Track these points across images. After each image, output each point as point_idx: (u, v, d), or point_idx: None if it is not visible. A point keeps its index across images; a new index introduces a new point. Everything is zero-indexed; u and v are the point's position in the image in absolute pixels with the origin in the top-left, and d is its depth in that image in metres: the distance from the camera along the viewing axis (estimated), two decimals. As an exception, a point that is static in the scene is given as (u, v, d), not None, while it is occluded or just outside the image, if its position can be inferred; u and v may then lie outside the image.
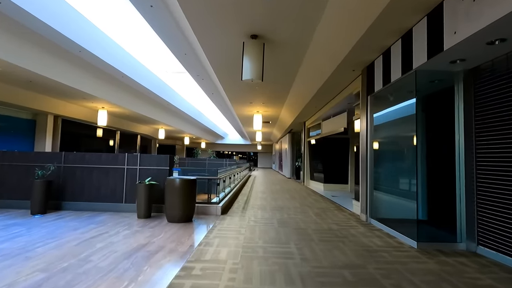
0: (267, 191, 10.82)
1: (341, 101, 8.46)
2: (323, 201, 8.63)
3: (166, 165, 6.03)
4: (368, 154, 5.79)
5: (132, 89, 13.40)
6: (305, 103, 9.76)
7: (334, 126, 10.36)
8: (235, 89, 10.04)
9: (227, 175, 7.97)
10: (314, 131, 13.40)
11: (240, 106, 13.16)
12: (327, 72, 6.54)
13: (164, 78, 14.95)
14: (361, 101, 6.21)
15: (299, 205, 7.71)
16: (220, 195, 6.60)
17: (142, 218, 5.42)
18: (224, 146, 41.64)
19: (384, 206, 5.31)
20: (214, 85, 12.56)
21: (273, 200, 8.53)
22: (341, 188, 11.74)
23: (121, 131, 20.99)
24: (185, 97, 18.59)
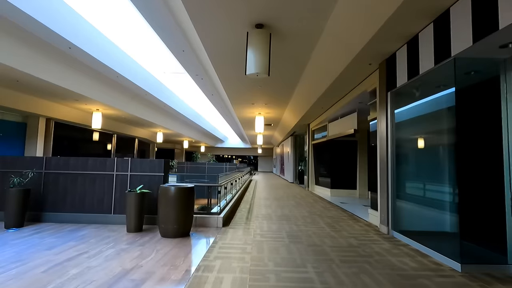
0: (270, 198, 10.12)
1: (352, 100, 7.80)
2: (333, 208, 7.93)
3: (160, 171, 5.34)
4: (389, 157, 5.12)
5: (128, 90, 12.75)
6: (312, 103, 9.11)
7: (343, 127, 9.70)
8: (236, 88, 9.39)
9: (228, 181, 7.28)
10: (319, 133, 12.74)
11: (241, 107, 12.51)
12: (339, 67, 5.89)
13: (161, 79, 14.33)
14: (378, 99, 5.55)
15: (307, 213, 7.02)
16: (221, 204, 5.90)
17: (132, 232, 4.72)
18: (224, 150, 40.94)
19: (411, 217, 4.62)
20: (214, 86, 11.93)
21: (278, 207, 7.83)
22: (349, 194, 11.05)
23: (118, 135, 20.32)
24: (183, 99, 17.96)
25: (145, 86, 13.02)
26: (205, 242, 4.31)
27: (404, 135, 4.91)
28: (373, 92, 6.13)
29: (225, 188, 6.56)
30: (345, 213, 7.23)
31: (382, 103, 5.34)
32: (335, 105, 9.07)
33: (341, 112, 9.70)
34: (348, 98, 7.80)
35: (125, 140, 21.97)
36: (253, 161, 46.21)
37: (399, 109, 5.01)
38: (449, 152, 3.74)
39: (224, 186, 6.48)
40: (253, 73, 4.96)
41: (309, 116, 11.72)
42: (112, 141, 20.07)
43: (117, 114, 15.44)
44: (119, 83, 11.85)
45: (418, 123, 4.54)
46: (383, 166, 5.31)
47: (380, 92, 5.50)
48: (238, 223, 5.71)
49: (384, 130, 5.27)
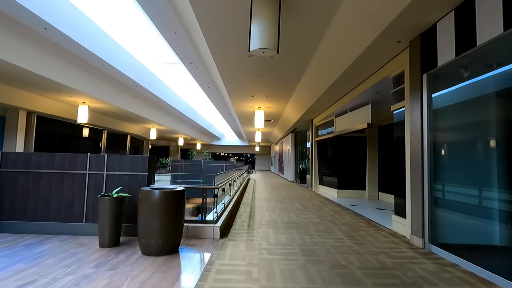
0: (272, 199, 9.17)
1: (367, 90, 6.86)
2: (344, 212, 7.01)
3: (144, 170, 4.35)
4: (425, 153, 4.17)
5: (116, 81, 11.70)
6: (319, 94, 8.14)
7: (353, 122, 8.76)
8: (235, 77, 8.40)
9: (226, 181, 6.31)
10: (324, 129, 11.81)
11: (240, 101, 11.53)
12: (359, 47, 4.93)
13: (154, 70, 13.28)
14: (409, 83, 4.60)
15: (317, 219, 6.08)
16: (218, 209, 4.93)
17: (106, 248, 3.74)
18: (221, 148, 39.92)
19: (458, 227, 3.69)
20: (211, 76, 10.92)
21: (283, 211, 6.89)
22: (358, 195, 10.14)
23: (109, 131, 19.22)
24: (178, 93, 16.91)
25: (136, 77, 11.98)
26: (198, 261, 3.34)
27: (446, 124, 3.97)
28: (399, 77, 5.19)
29: (223, 190, 5.60)
30: (360, 218, 6.30)
31: (415, 88, 4.40)
32: (345, 96, 8.12)
33: (350, 105, 8.77)
34: (363, 87, 6.86)
35: (116, 136, 20.87)
36: (250, 160, 45.27)
37: (438, 93, 4.07)
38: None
39: (222, 187, 5.51)
40: (259, 49, 4.01)
41: (313, 111, 10.77)
42: (102, 137, 18.97)
43: (106, 108, 14.37)
44: (107, 73, 10.80)
45: (467, 108, 3.61)
46: (415, 164, 4.37)
47: (411, 75, 4.55)
48: (238, 232, 4.75)
49: (417, 119, 4.32)
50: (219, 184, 4.99)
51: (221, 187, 5.42)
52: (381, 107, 8.24)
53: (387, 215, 6.84)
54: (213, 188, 4.57)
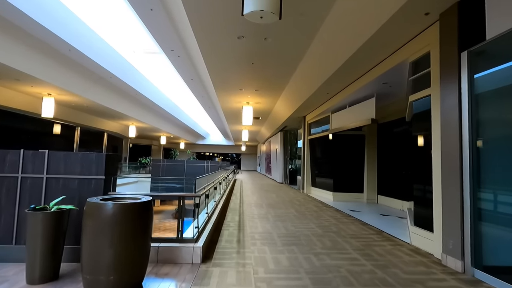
0: (263, 204, 8.17)
1: (373, 81, 6.00)
2: (347, 220, 6.11)
3: (99, 173, 3.24)
4: (464, 153, 3.29)
5: (87, 71, 10.36)
6: (317, 86, 7.21)
7: (354, 117, 7.90)
8: (222, 66, 7.33)
9: (210, 185, 5.26)
10: (319, 127, 10.94)
11: (227, 95, 10.47)
12: (377, 22, 4.01)
13: (131, 60, 11.98)
14: (440, 65, 3.72)
15: (319, 229, 5.14)
16: (200, 221, 3.88)
17: (37, 285, 2.61)
18: (205, 147, 38.57)
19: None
20: (194, 67, 9.80)
21: (277, 219, 5.90)
22: (355, 198, 9.32)
23: (82, 128, 17.63)
24: (159, 87, 15.62)
25: (110, 67, 10.67)
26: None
27: (497, 112, 3.10)
28: (421, 61, 4.32)
29: (207, 196, 4.55)
30: (368, 228, 5.41)
31: (449, 70, 3.51)
32: (347, 88, 7.23)
33: (350, 99, 7.91)
34: (369, 77, 5.98)
35: (91, 134, 19.25)
36: (236, 159, 44.18)
37: (484, 73, 3.20)
38: None
39: (206, 193, 4.45)
40: (256, 11, 3.00)
41: (307, 106, 9.87)
42: (75, 135, 17.36)
43: (77, 102, 12.92)
44: (75, 60, 9.49)
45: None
46: (450, 166, 3.48)
47: (442, 55, 3.67)
48: (226, 252, 3.72)
49: (453, 108, 3.43)
50: (202, 190, 3.94)
51: (205, 193, 4.37)
52: (385, 101, 7.43)
53: (397, 223, 5.99)
54: (193, 197, 3.51)
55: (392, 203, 8.22)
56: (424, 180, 4.20)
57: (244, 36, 5.57)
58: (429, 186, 3.96)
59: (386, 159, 8.80)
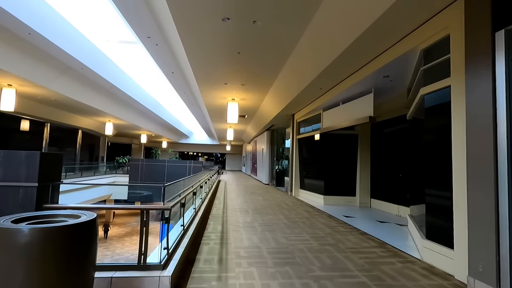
0: (249, 209, 7.43)
1: (373, 74, 5.39)
2: (344, 229, 5.46)
3: (31, 178, 2.39)
4: (500, 155, 2.67)
5: (53, 59, 9.25)
6: (311, 79, 6.55)
7: (348, 115, 7.29)
8: (205, 56, 6.52)
9: (189, 192, 4.45)
10: (309, 126, 10.31)
11: (211, 90, 9.65)
12: (382, 4, 3.36)
13: (105, 50, 10.91)
14: (465, 50, 3.11)
15: (315, 242, 4.46)
16: (171, 240, 3.08)
17: None
18: (189, 147, 37.37)
19: None
20: (174, 58, 8.92)
21: (266, 228, 5.18)
22: (347, 201, 8.75)
23: (53, 124, 16.24)
24: (138, 81, 14.55)
25: (80, 56, 9.60)
26: None
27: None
28: (435, 47, 3.71)
29: (182, 206, 3.75)
30: (370, 240, 4.77)
31: (481, 54, 2.89)
32: (342, 83, 6.61)
33: (344, 96, 7.31)
34: (369, 70, 5.37)
35: (63, 131, 17.83)
36: (220, 159, 43.20)
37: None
38: None
39: (182, 201, 3.65)
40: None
41: (298, 103, 9.22)
42: (44, 131, 15.95)
43: (44, 95, 11.70)
44: (38, 46, 8.41)
45: None
46: (480, 169, 2.86)
47: (468, 38, 3.06)
48: (204, 279, 2.94)
49: (485, 101, 2.81)
50: (176, 198, 3.13)
51: (180, 202, 3.57)
52: (381, 98, 6.86)
53: (398, 232, 5.41)
54: (162, 210, 2.71)
55: (386, 207, 7.69)
56: (441, 184, 3.59)
57: (229, 18, 4.81)
58: (446, 192, 3.34)
59: (380, 160, 8.28)
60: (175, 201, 3.26)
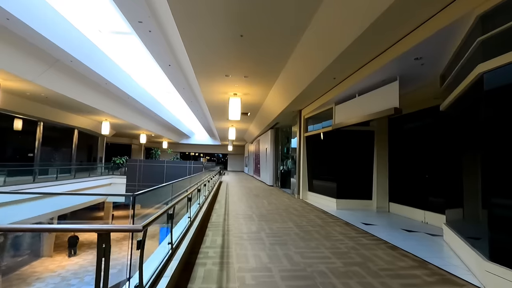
0: (254, 215, 6.56)
1: (401, 56, 4.52)
2: (370, 242, 4.58)
3: None
4: None
5: (39, 51, 8.45)
6: (325, 66, 5.67)
7: (368, 107, 6.38)
8: (203, 40, 5.65)
9: (182, 197, 3.59)
10: (318, 122, 9.43)
11: (210, 83, 8.79)
12: None
13: (97, 42, 10.09)
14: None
15: (337, 260, 3.58)
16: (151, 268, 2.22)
17: None
18: (190, 147, 36.59)
19: None
20: (170, 47, 8.09)
21: (275, 241, 4.31)
22: (363, 206, 7.85)
23: (46, 123, 15.45)
24: (135, 77, 13.72)
25: (68, 47, 8.79)
26: None
27: None
28: (501, 10, 2.84)
29: (171, 218, 2.90)
30: (405, 256, 3.87)
31: None
32: (360, 71, 5.71)
33: (360, 86, 6.42)
34: (396, 52, 4.48)
35: (58, 130, 17.05)
36: (222, 160, 42.37)
37: None
38: None
39: (170, 213, 2.80)
40: None
41: (307, 96, 8.34)
42: (37, 131, 15.16)
43: (33, 91, 10.91)
44: (20, 36, 7.62)
45: None
46: None
47: None
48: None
49: None
50: (153, 217, 2.24)
51: (167, 213, 2.71)
52: (405, 88, 5.94)
53: (434, 245, 4.51)
54: (130, 231, 1.83)
55: (409, 213, 6.80)
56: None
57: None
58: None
59: (400, 159, 7.38)
60: (159, 212, 2.40)
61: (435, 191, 6.07)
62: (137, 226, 1.72)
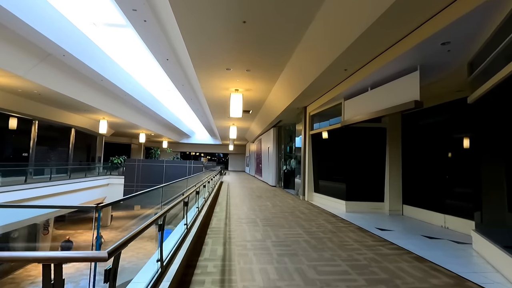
0: (258, 219, 6.03)
1: (422, 44, 3.98)
2: (391, 251, 4.04)
3: None
4: None
5: (28, 43, 7.94)
6: (335, 57, 5.13)
7: (381, 102, 5.81)
8: (203, 30, 5.12)
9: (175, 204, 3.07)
10: (325, 119, 8.88)
11: (210, 77, 8.26)
12: None
13: (91, 35, 9.57)
14: None
15: (361, 279, 3.04)
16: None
17: None
18: (191, 147, 36.09)
19: None
20: (167, 38, 7.56)
21: (284, 252, 3.78)
22: (374, 208, 7.31)
23: (42, 122, 14.95)
24: (131, 73, 13.20)
25: (60, 40, 8.28)
26: None
27: None
28: None
29: (161, 229, 2.37)
30: (436, 271, 3.33)
31: None
32: (376, 60, 5.17)
33: (373, 79, 5.88)
34: (421, 35, 3.94)
35: (54, 129, 16.56)
36: (223, 160, 41.85)
37: None
38: None
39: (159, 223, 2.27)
40: None
41: (313, 92, 7.80)
42: (32, 130, 14.66)
43: (24, 87, 10.41)
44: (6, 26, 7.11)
45: None
46: None
47: None
48: None
49: None
50: (127, 237, 1.70)
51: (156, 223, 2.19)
52: (424, 80, 5.39)
53: (463, 255, 3.96)
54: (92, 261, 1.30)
55: (426, 216, 6.25)
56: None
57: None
58: None
59: (415, 158, 6.83)
60: (138, 228, 1.87)
61: (457, 193, 5.53)
62: (101, 253, 1.19)
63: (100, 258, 1.18)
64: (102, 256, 1.17)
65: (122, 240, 1.39)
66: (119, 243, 1.35)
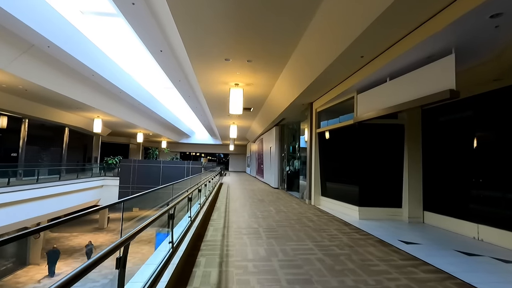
0: (261, 229, 5.24)
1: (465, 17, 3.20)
2: (428, 275, 3.25)
3: None
4: None
5: (8, 33, 7.18)
6: (351, 40, 4.34)
7: (404, 94, 4.98)
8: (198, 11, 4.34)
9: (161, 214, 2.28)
10: (334, 116, 8.09)
11: (208, 69, 7.48)
12: None
13: (79, 25, 8.80)
14: None
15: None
16: None
17: None
18: (190, 147, 35.34)
19: None
20: (159, 25, 6.78)
21: (296, 277, 2.99)
22: (391, 214, 6.52)
23: (32, 120, 14.20)
24: (126, 69, 12.43)
25: (42, 29, 7.52)
26: None
27: None
28: None
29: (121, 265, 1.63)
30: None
31: None
32: (402, 42, 4.37)
33: (393, 67, 5.09)
34: (463, 7, 3.16)
35: (47, 128, 15.82)
36: (223, 160, 41.09)
37: None
38: None
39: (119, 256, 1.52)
40: None
41: (322, 84, 7.01)
42: (21, 129, 13.91)
43: (10, 82, 9.68)
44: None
45: None
46: None
47: None
48: None
49: None
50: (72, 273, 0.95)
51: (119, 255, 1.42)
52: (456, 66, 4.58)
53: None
54: None
55: (451, 225, 5.46)
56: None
57: None
58: None
59: (438, 159, 6.05)
60: (87, 263, 1.11)
61: (495, 200, 4.74)
62: None
63: None
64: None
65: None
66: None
